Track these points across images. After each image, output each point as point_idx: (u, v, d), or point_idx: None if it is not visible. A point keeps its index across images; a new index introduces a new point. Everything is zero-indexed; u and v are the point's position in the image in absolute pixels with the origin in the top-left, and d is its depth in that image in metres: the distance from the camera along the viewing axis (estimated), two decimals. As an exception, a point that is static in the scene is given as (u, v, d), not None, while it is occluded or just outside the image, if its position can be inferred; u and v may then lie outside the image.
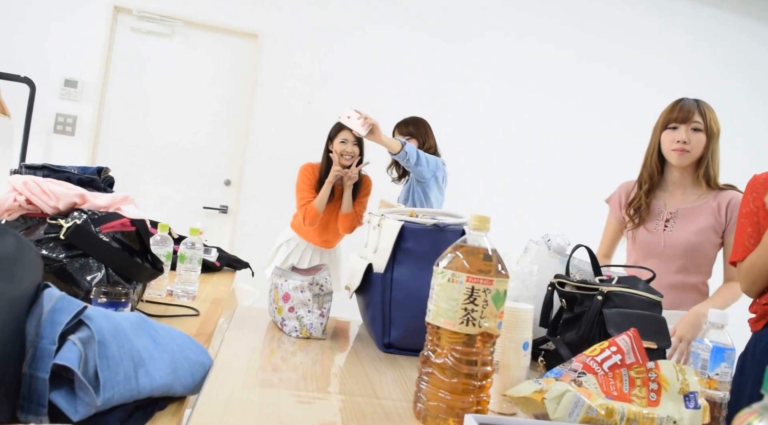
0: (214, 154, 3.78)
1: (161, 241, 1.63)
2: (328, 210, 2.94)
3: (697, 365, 1.02)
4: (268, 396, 0.89)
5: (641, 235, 1.85)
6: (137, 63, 3.68)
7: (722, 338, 1.02)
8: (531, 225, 3.30)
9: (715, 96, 2.51)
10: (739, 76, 4.66)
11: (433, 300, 0.83)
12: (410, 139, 2.96)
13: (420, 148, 2.92)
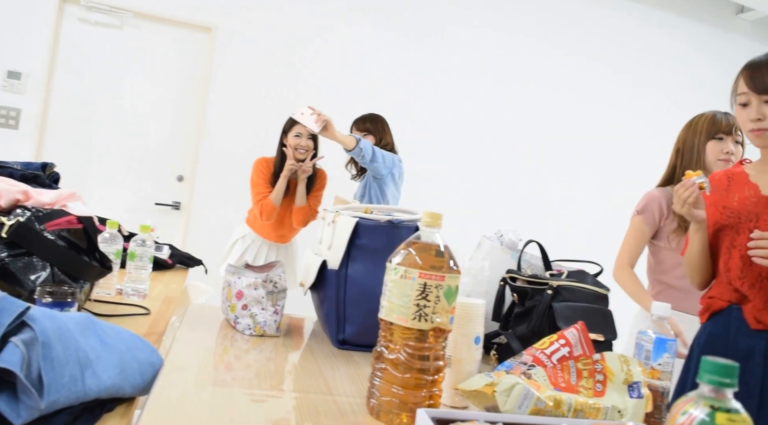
0: (166, 149, 3.70)
1: (110, 239, 1.59)
2: (284, 204, 2.92)
3: (640, 356, 1.05)
4: (220, 395, 0.88)
5: None
6: (85, 55, 3.56)
7: (664, 330, 1.05)
8: (490, 221, 3.35)
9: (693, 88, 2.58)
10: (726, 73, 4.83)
11: (386, 297, 0.83)
12: (367, 135, 2.97)
13: (377, 144, 2.93)
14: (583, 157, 4.56)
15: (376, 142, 2.96)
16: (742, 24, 5.13)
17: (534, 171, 4.44)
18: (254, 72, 3.76)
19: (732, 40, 5.06)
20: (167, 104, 3.70)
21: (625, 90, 4.70)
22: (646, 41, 4.76)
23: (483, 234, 1.45)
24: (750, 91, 1.40)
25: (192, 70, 3.74)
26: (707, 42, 4.96)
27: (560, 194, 4.46)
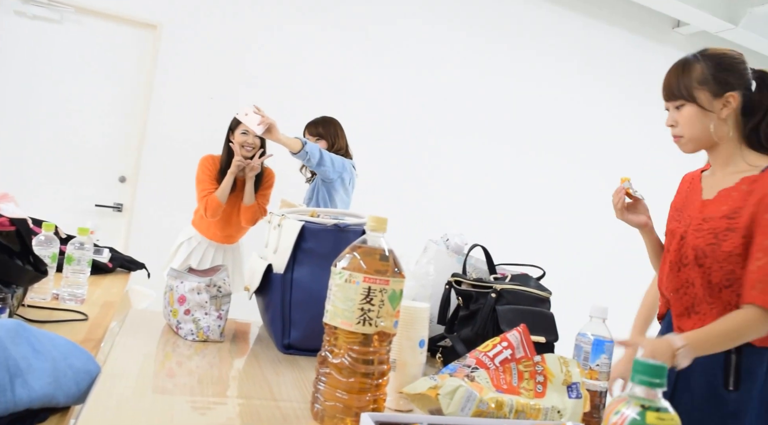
0: (107, 149, 3.59)
1: (46, 242, 1.53)
2: (230, 203, 2.90)
3: (579, 357, 1.08)
4: (160, 402, 0.86)
5: None
6: (22, 50, 3.42)
7: (603, 331, 1.09)
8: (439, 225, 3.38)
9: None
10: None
11: (331, 301, 0.83)
12: (319, 139, 2.95)
13: (330, 149, 2.92)
14: (528, 160, 4.67)
15: (328, 147, 2.94)
16: (678, 38, 5.35)
17: (482, 174, 4.51)
18: (200, 71, 3.69)
19: (668, 54, 5.28)
20: (109, 103, 3.59)
21: (571, 96, 4.84)
22: (588, 50, 4.91)
23: (429, 238, 1.47)
24: (664, 99, 1.41)
25: (136, 68, 3.64)
26: (644, 54, 5.16)
27: (509, 198, 4.56)
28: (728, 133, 1.35)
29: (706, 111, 1.33)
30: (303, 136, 2.99)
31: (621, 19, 5.03)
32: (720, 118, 1.33)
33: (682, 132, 1.36)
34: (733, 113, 1.34)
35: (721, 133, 1.35)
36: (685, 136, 1.36)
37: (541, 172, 4.67)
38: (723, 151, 1.38)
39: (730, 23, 4.85)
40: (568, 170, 4.74)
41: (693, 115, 1.34)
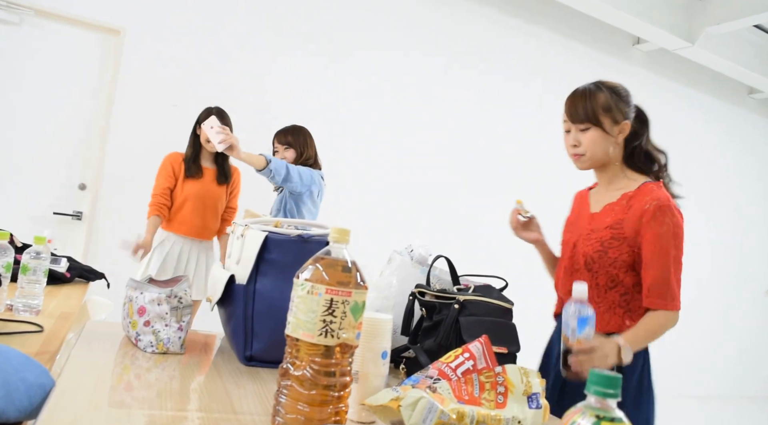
0: (67, 155, 3.51)
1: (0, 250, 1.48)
2: (203, 188, 2.96)
3: (567, 329, 1.25)
4: (117, 417, 0.84)
5: None
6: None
7: (585, 309, 1.27)
8: (406, 236, 3.39)
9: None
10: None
11: (293, 313, 0.83)
12: (288, 148, 2.95)
13: (298, 158, 2.92)
14: (491, 174, 4.73)
15: (297, 156, 2.95)
16: (638, 54, 5.51)
17: (448, 186, 4.55)
18: (163, 78, 3.64)
19: (628, 70, 5.43)
20: (70, 108, 3.51)
21: (532, 109, 4.93)
22: (550, 65, 5.01)
23: (394, 249, 1.47)
24: (568, 119, 1.55)
25: (98, 73, 3.57)
26: (605, 70, 5.29)
27: (473, 210, 4.60)
28: (618, 154, 1.56)
29: (608, 135, 1.51)
30: (273, 144, 2.99)
31: (582, 35, 5.15)
32: (616, 142, 1.53)
33: (584, 151, 1.53)
34: (623, 139, 1.55)
35: (615, 155, 1.55)
36: (587, 155, 1.53)
37: (504, 187, 4.74)
38: (609, 171, 1.58)
39: (687, 41, 5.02)
40: (529, 185, 4.82)
41: (597, 138, 1.51)
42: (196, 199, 2.97)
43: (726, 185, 6.18)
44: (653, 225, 1.43)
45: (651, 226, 1.43)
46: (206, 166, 3.04)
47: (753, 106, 6.49)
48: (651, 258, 1.44)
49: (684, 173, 5.30)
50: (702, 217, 5.90)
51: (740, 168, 6.34)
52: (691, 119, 5.87)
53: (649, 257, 1.44)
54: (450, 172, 4.57)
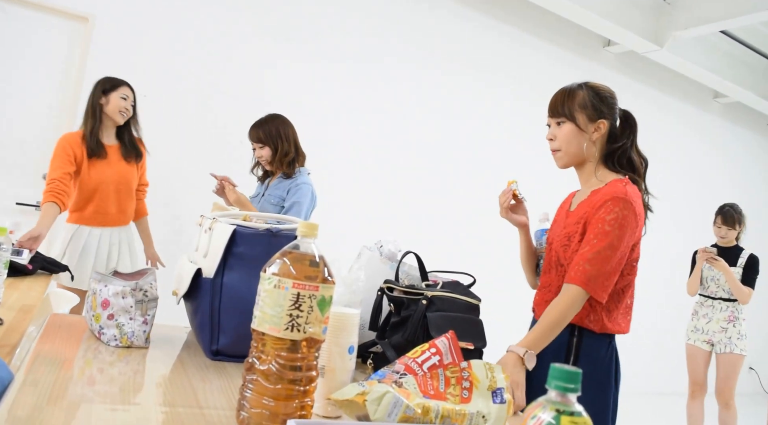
0: (31, 144, 3.42)
1: (-42, 241, 1.44)
2: (112, 170, 2.74)
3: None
4: (78, 411, 0.83)
5: None
6: (-62, 37, 3.22)
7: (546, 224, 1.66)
8: (377, 231, 3.39)
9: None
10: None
11: (259, 307, 0.82)
12: (263, 147, 2.73)
13: (275, 155, 2.71)
14: (461, 173, 4.76)
15: (273, 153, 2.71)
16: (608, 56, 5.60)
17: (419, 182, 4.57)
18: (134, 67, 3.57)
19: (598, 71, 5.51)
20: (35, 96, 3.43)
21: (503, 108, 4.97)
22: (521, 64, 5.06)
23: (363, 244, 1.47)
24: (548, 116, 1.61)
25: (65, 61, 3.49)
26: (575, 71, 5.36)
27: (443, 208, 4.63)
28: (595, 154, 1.59)
29: (582, 131, 1.56)
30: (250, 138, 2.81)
31: (554, 35, 5.21)
32: (591, 139, 1.57)
33: (560, 146, 1.58)
34: (600, 138, 1.58)
35: (590, 152, 1.58)
36: (562, 150, 1.58)
37: (474, 185, 4.77)
38: (587, 170, 1.61)
39: (656, 45, 5.12)
40: (498, 183, 4.86)
41: (570, 133, 1.56)
42: (109, 183, 2.70)
43: (693, 187, 6.33)
44: (602, 210, 1.47)
45: (599, 212, 1.47)
46: (108, 143, 2.75)
47: (718, 110, 6.66)
48: (589, 238, 1.47)
49: (651, 174, 5.36)
50: (671, 219, 6.04)
51: (707, 170, 6.49)
52: (660, 122, 5.99)
53: (588, 237, 1.48)
54: (422, 170, 4.59)
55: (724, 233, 3.90)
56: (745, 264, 3.84)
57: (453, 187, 4.71)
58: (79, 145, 2.65)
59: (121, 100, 2.73)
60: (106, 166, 2.70)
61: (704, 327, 3.95)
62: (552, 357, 1.44)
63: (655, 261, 5.45)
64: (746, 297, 3.78)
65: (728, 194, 6.55)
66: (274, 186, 2.76)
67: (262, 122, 2.78)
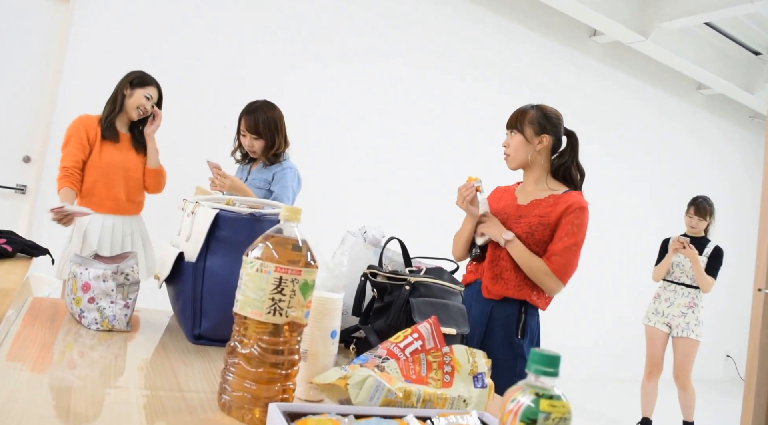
0: (10, 126, 3.37)
1: (-65, 223, 1.42)
2: (122, 156, 2.72)
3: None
4: (57, 394, 0.82)
5: None
6: None
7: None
8: (360, 218, 3.39)
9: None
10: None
11: (241, 290, 0.82)
12: (258, 139, 2.66)
13: (268, 150, 2.67)
14: (445, 159, 4.77)
15: (266, 147, 2.66)
16: (594, 46, 5.61)
17: (404, 170, 4.57)
18: (115, 48, 3.52)
19: (584, 61, 5.53)
20: (13, 77, 3.37)
21: (487, 95, 4.97)
22: (508, 54, 5.06)
23: (347, 230, 1.47)
24: (506, 127, 1.98)
25: (45, 41, 3.43)
26: (561, 59, 5.37)
27: (427, 193, 4.64)
28: (540, 162, 1.97)
29: (528, 142, 1.94)
30: (239, 123, 2.72)
31: (540, 25, 5.21)
32: (535, 150, 1.95)
33: (510, 152, 1.97)
34: (545, 150, 1.96)
35: (535, 160, 1.97)
36: (511, 155, 1.97)
37: (459, 172, 4.78)
38: (535, 174, 1.99)
39: (641, 35, 5.14)
40: (483, 171, 4.87)
41: (519, 143, 1.95)
42: (119, 167, 2.68)
43: (675, 177, 6.39)
44: (572, 217, 1.87)
45: (570, 217, 1.87)
46: (122, 132, 2.76)
47: (701, 101, 6.72)
48: (561, 235, 1.87)
49: (635, 164, 5.44)
50: (652, 207, 6.10)
51: (689, 161, 6.56)
52: (644, 112, 6.03)
53: (560, 235, 1.87)
54: (407, 159, 4.59)
55: (695, 223, 4.02)
56: (711, 255, 3.98)
57: (437, 175, 4.71)
58: (94, 126, 2.68)
59: (144, 98, 2.71)
60: (116, 151, 2.71)
61: (665, 310, 4.09)
62: (505, 328, 1.88)
63: (635, 249, 5.51)
64: (709, 286, 3.94)
65: (710, 185, 6.63)
66: (258, 171, 2.73)
67: (258, 110, 2.68)
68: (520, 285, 1.88)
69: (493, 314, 1.90)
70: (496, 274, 1.91)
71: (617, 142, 5.79)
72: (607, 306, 5.62)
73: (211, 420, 0.81)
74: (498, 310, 1.90)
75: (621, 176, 5.82)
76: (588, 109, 5.41)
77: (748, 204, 7.11)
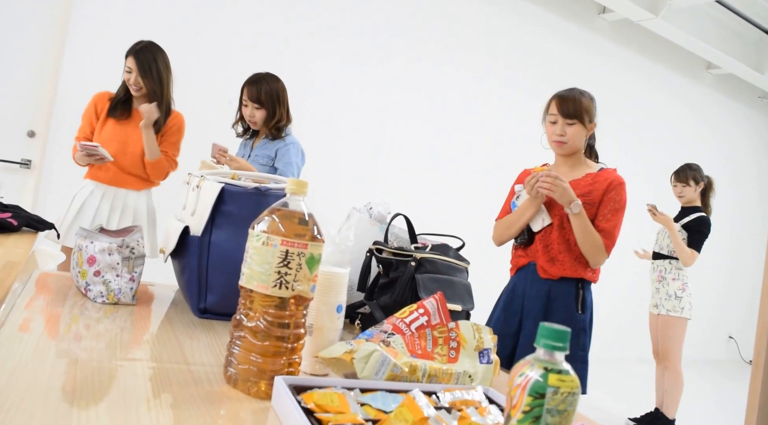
0: (14, 100, 3.35)
1: (-60, 196, 1.41)
2: (123, 132, 2.70)
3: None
4: (63, 366, 0.82)
5: None
6: None
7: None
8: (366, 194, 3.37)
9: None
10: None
11: (247, 264, 0.82)
12: (260, 108, 2.67)
13: (269, 120, 2.67)
14: (451, 139, 4.74)
15: (267, 117, 2.67)
16: (602, 24, 5.53)
17: (410, 147, 4.54)
18: (119, 22, 3.48)
19: (592, 39, 5.45)
20: (17, 52, 3.34)
21: (494, 73, 4.92)
22: (515, 33, 5.00)
23: (353, 206, 1.46)
24: (558, 114, 1.99)
25: (49, 14, 3.39)
26: (569, 37, 5.30)
27: (433, 171, 4.62)
28: (583, 146, 2.06)
29: (585, 130, 2.01)
30: (241, 93, 2.73)
31: (547, 2, 5.13)
32: (587, 136, 2.04)
33: (567, 140, 2.00)
34: (590, 134, 2.07)
35: (582, 146, 2.05)
36: (569, 143, 2.00)
37: (464, 151, 4.76)
38: (574, 157, 2.06)
39: (651, 13, 5.06)
40: (488, 149, 4.85)
41: (579, 131, 2.00)
42: (114, 142, 2.65)
43: (683, 157, 6.33)
44: (614, 194, 1.98)
45: (612, 194, 1.97)
46: (137, 107, 2.71)
47: (710, 81, 6.64)
48: (605, 212, 1.97)
49: (642, 144, 5.40)
50: (661, 188, 6.07)
51: (698, 141, 6.50)
52: (652, 91, 5.97)
53: (603, 211, 1.97)
54: (414, 136, 4.56)
55: (679, 191, 3.75)
56: (688, 224, 3.65)
57: (444, 153, 4.69)
58: (103, 101, 2.74)
59: (125, 72, 2.68)
60: (119, 126, 2.69)
61: (650, 289, 3.83)
62: (566, 305, 1.98)
63: (643, 232, 5.50)
64: (688, 258, 3.58)
65: (717, 165, 6.59)
66: (260, 146, 2.72)
67: (261, 81, 2.69)
68: (574, 264, 1.98)
69: (552, 293, 1.99)
70: (551, 257, 2.00)
71: (624, 121, 5.74)
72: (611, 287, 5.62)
73: (217, 393, 0.81)
74: (556, 289, 1.99)
75: (627, 156, 5.79)
76: (595, 87, 5.35)
77: (753, 184, 7.07)
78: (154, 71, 2.67)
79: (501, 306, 2.10)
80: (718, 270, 6.52)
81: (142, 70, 2.66)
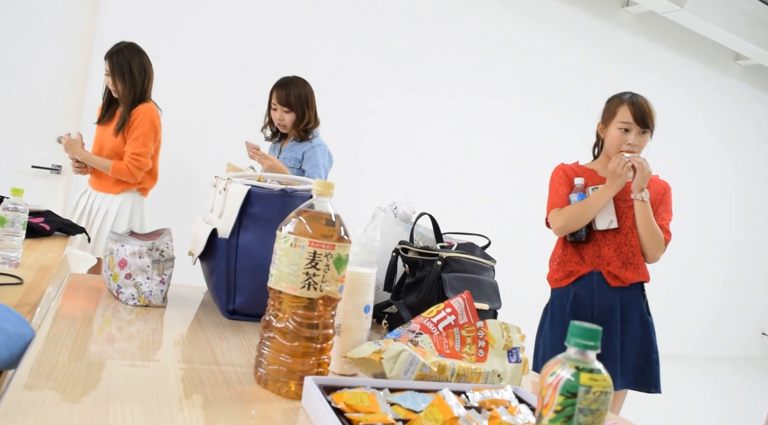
0: (45, 107, 3.42)
1: (-24, 202, 1.45)
2: (99, 136, 2.84)
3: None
4: (98, 367, 0.84)
5: None
6: (-52, -2, 3.20)
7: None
8: (390, 194, 3.38)
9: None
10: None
11: (276, 265, 0.82)
12: (289, 112, 2.71)
13: (299, 123, 2.72)
14: (478, 138, 4.72)
15: (297, 120, 2.71)
16: (626, 17, 5.45)
17: (436, 148, 4.53)
18: (146, 29, 3.54)
19: (616, 33, 5.37)
20: (48, 60, 3.41)
21: (515, 75, 4.88)
22: (536, 29, 4.95)
23: (378, 206, 1.47)
24: (633, 122, 2.02)
25: (78, 22, 3.46)
26: (592, 31, 5.23)
27: (459, 171, 4.60)
28: None
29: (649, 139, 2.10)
30: (270, 96, 2.77)
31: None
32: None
33: (638, 149, 2.04)
34: None
35: None
36: (636, 151, 2.03)
37: (484, 146, 4.73)
38: None
39: (676, 5, 4.97)
40: (510, 148, 4.82)
41: (647, 140, 2.07)
42: (97, 145, 2.80)
43: (715, 151, 6.22)
44: (667, 196, 2.12)
45: (665, 197, 2.12)
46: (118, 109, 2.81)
47: (738, 72, 6.49)
48: (660, 212, 2.09)
49: (671, 139, 5.34)
50: (693, 181, 5.96)
51: (729, 134, 6.37)
52: (679, 84, 5.86)
53: (660, 212, 2.09)
54: (439, 135, 4.55)
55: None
56: None
57: (467, 152, 4.67)
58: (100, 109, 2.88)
59: (104, 75, 2.76)
60: (101, 131, 2.83)
61: None
62: (638, 310, 2.05)
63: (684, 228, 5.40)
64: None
65: (749, 157, 6.46)
66: (288, 149, 2.75)
67: (290, 84, 2.73)
68: (644, 267, 2.07)
69: (624, 300, 2.04)
70: (626, 261, 2.04)
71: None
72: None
73: (248, 393, 0.82)
74: (627, 295, 2.04)
75: (658, 152, 5.69)
76: (619, 82, 5.28)
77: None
78: (127, 73, 2.71)
79: (567, 318, 2.05)
80: (751, 267, 6.40)
81: (114, 72, 2.70)
